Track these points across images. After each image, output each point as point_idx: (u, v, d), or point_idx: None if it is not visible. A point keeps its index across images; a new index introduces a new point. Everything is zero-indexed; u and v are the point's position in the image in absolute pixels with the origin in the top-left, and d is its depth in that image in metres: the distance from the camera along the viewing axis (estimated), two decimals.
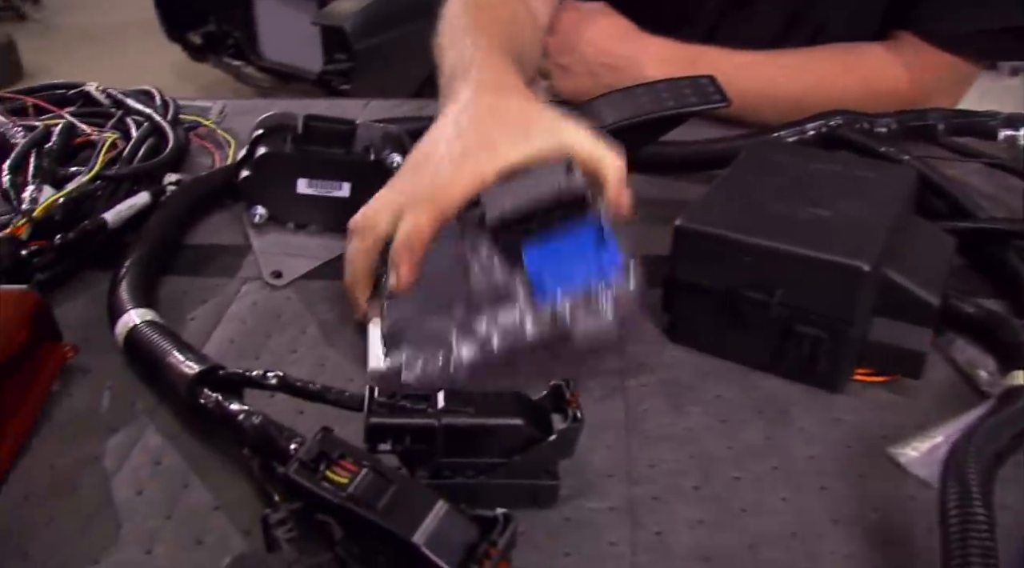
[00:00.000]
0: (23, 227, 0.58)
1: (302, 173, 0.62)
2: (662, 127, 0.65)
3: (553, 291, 0.47)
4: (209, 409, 0.44)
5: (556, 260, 0.48)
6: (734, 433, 0.48)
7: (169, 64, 3.30)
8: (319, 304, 0.59)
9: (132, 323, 0.52)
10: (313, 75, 2.89)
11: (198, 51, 3.15)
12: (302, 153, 0.62)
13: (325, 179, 0.62)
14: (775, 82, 0.79)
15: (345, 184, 0.62)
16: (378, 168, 0.61)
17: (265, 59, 3.06)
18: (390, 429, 0.40)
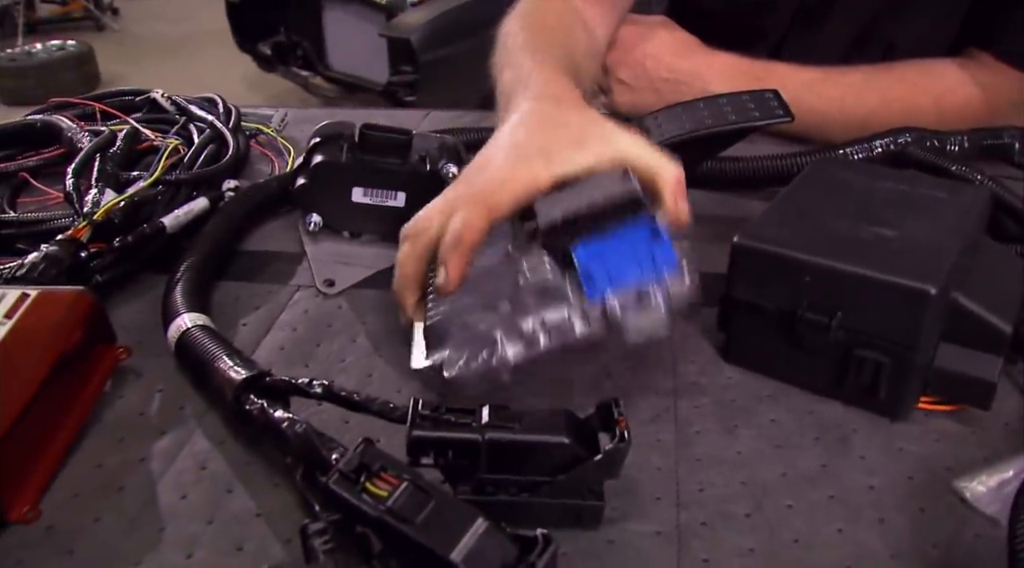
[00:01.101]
0: (84, 229, 0.59)
1: (358, 182, 0.62)
2: (724, 142, 0.64)
3: (604, 288, 0.45)
4: (254, 415, 0.44)
5: (607, 257, 0.46)
6: (789, 459, 0.46)
7: (240, 74, 3.39)
8: (370, 314, 0.59)
9: (184, 327, 0.52)
10: (379, 86, 2.93)
11: (267, 61, 3.23)
12: (358, 162, 0.62)
13: (380, 188, 0.62)
14: (843, 101, 0.77)
15: (400, 194, 0.62)
16: (433, 178, 0.61)
17: (332, 70, 3.12)
18: (433, 442, 0.39)
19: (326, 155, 0.62)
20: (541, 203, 0.50)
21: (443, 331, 0.48)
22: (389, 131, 0.62)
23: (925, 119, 0.70)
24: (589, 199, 0.48)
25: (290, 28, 3.15)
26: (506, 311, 0.47)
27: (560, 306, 0.46)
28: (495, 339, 0.46)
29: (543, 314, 0.46)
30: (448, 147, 0.63)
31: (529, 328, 0.46)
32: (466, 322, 0.47)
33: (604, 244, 0.46)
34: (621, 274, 0.45)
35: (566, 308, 0.46)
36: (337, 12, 3.03)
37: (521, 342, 0.46)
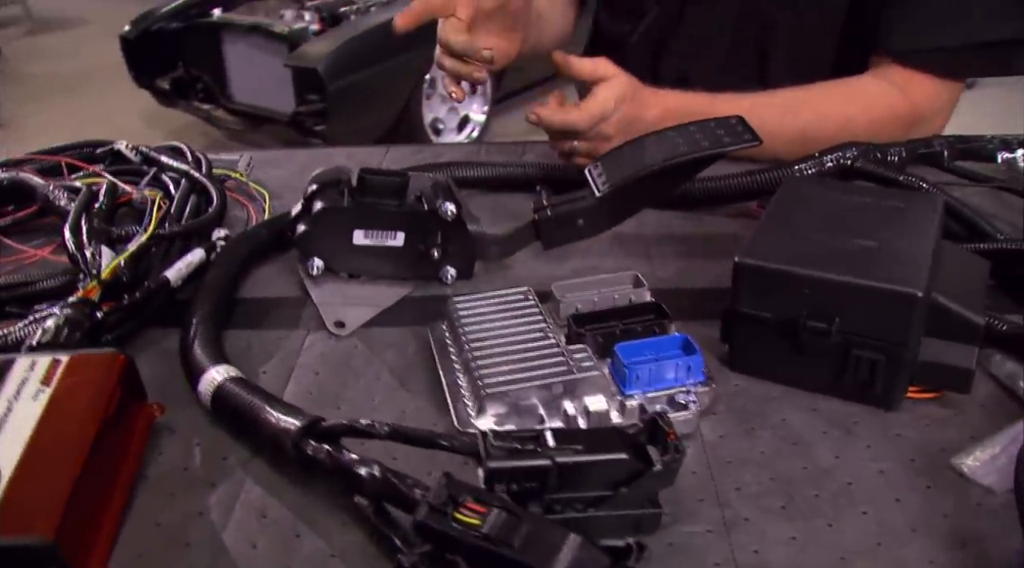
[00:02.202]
0: (94, 289, 0.59)
1: (358, 225, 0.64)
2: (697, 167, 0.68)
3: (643, 387, 0.52)
4: (319, 460, 0.46)
5: (647, 359, 0.53)
6: (806, 454, 0.51)
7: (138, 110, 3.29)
8: (386, 351, 0.61)
9: (217, 381, 0.53)
10: (285, 117, 2.91)
11: (167, 96, 3.15)
12: (359, 206, 0.64)
13: (380, 229, 0.65)
14: (782, 121, 0.83)
15: (399, 233, 0.65)
16: (432, 217, 0.64)
17: (235, 102, 3.07)
18: (508, 472, 0.42)
19: (327, 201, 0.64)
20: (558, 290, 0.59)
21: (494, 398, 0.51)
22: (386, 174, 0.65)
23: (857, 128, 0.78)
24: (608, 297, 0.59)
25: (189, 62, 3.09)
26: (558, 392, 0.51)
27: (600, 396, 0.52)
28: (540, 414, 0.51)
29: (585, 400, 0.51)
30: (442, 186, 0.66)
31: (572, 411, 0.51)
32: (516, 395, 0.51)
33: (644, 346, 0.53)
34: (660, 377, 0.52)
35: (606, 399, 0.51)
36: (238, 44, 2.99)
37: (562, 421, 0.51)
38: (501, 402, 0.51)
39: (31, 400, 0.49)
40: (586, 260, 0.71)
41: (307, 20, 2.99)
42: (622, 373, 0.52)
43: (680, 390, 0.52)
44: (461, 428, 0.51)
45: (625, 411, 0.52)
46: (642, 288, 0.60)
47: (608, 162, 0.67)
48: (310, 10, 3.07)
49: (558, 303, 0.59)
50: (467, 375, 0.53)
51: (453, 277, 0.67)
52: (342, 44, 2.75)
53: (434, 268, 0.66)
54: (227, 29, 2.99)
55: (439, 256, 0.65)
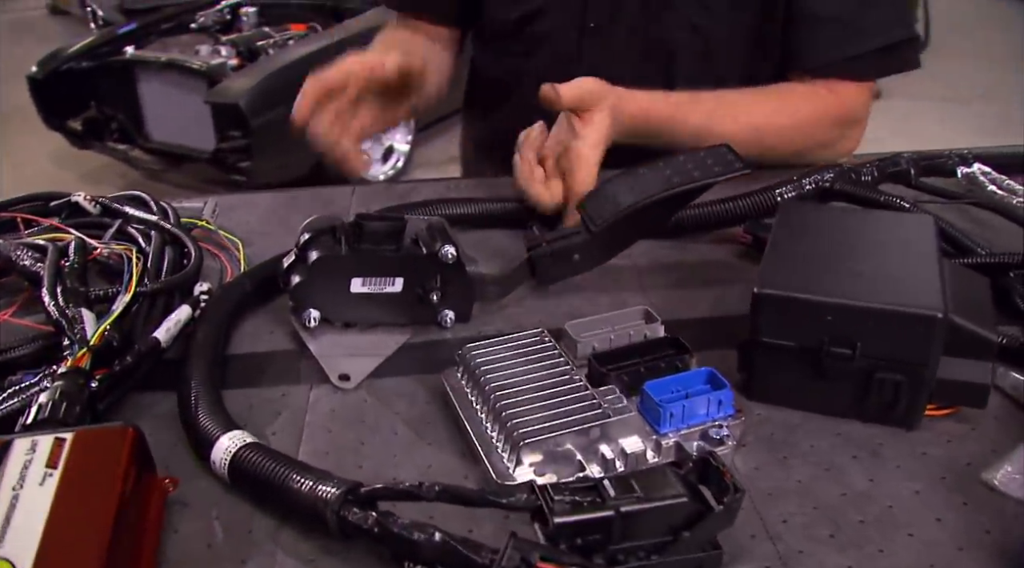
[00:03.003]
0: (84, 357, 0.55)
1: (356, 273, 0.62)
2: (689, 197, 0.69)
3: (677, 425, 0.52)
4: (366, 528, 0.44)
5: (676, 394, 0.52)
6: (841, 479, 0.51)
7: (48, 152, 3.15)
8: (396, 402, 0.59)
9: (233, 449, 0.51)
10: (206, 154, 2.83)
11: (80, 137, 3.03)
12: (357, 253, 0.62)
13: (379, 276, 0.63)
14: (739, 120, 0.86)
15: (398, 279, 0.63)
16: (432, 261, 0.62)
17: (153, 141, 2.98)
18: (574, 526, 0.41)
19: (323, 250, 0.62)
20: (573, 330, 0.59)
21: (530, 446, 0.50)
22: (381, 219, 0.63)
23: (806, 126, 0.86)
24: (623, 334, 0.59)
25: (102, 101, 2.98)
26: (595, 437, 0.50)
27: (636, 437, 0.51)
28: (579, 461, 0.50)
29: (621, 442, 0.51)
30: (437, 228, 0.65)
31: (609, 454, 0.50)
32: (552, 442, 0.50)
33: (671, 383, 0.53)
34: (693, 414, 0.52)
35: (641, 439, 0.51)
36: (153, 82, 2.90)
37: (601, 466, 0.50)
38: (538, 450, 0.50)
39: (38, 486, 0.45)
40: (582, 296, 0.71)
41: (224, 55, 2.93)
42: (655, 412, 0.51)
43: (713, 425, 0.52)
44: (499, 480, 0.50)
45: (661, 450, 0.51)
46: (655, 323, 0.60)
47: (599, 196, 0.67)
48: (226, 45, 3.01)
49: (574, 343, 0.58)
50: (496, 424, 0.52)
51: (452, 321, 0.65)
52: (263, 79, 2.70)
53: (432, 312, 0.65)
54: (141, 67, 2.90)
55: (438, 300, 0.64)
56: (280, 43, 3.05)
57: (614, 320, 0.60)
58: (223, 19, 3.28)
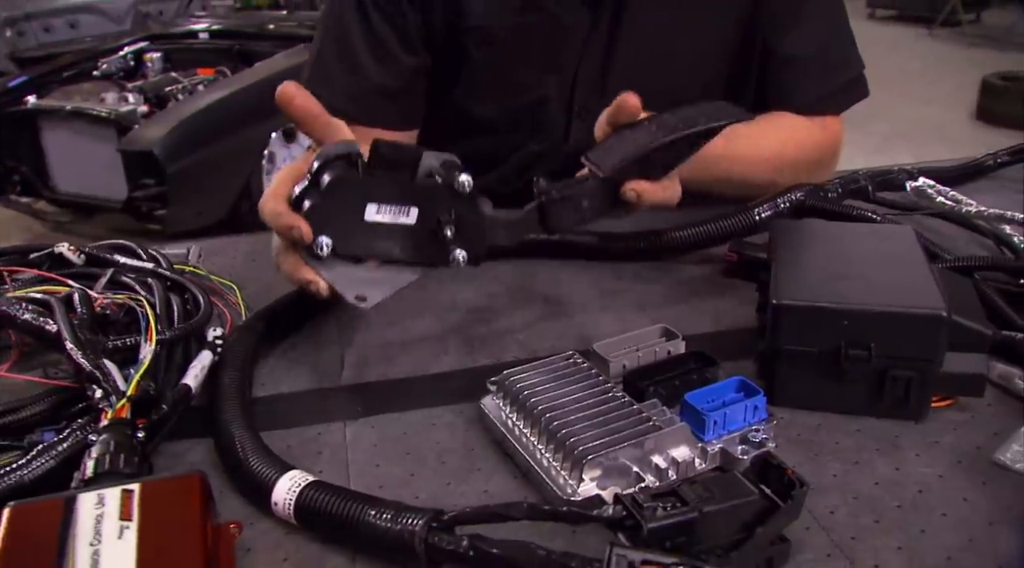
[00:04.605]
0: (124, 408, 0.54)
1: (372, 198, 0.60)
2: (693, 145, 0.69)
3: (719, 432, 0.55)
4: (459, 553, 0.45)
5: (716, 403, 0.56)
6: (870, 471, 0.55)
7: None
8: (435, 433, 0.60)
9: (297, 489, 0.51)
10: (118, 204, 2.74)
11: None
12: (373, 178, 0.60)
13: (394, 204, 0.61)
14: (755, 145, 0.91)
15: (413, 209, 0.61)
16: (448, 190, 0.61)
17: (60, 193, 2.86)
18: (666, 529, 0.43)
19: (338, 172, 0.59)
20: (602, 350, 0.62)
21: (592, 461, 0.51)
22: (398, 148, 0.61)
23: (809, 153, 0.91)
24: (649, 351, 0.62)
25: (2, 153, 2.85)
26: (649, 448, 0.53)
27: (684, 446, 0.54)
28: (635, 472, 0.53)
29: (671, 452, 0.53)
30: (452, 163, 0.62)
31: (663, 464, 0.53)
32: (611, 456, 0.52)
33: (708, 393, 0.56)
34: (733, 420, 0.55)
35: (689, 448, 0.54)
36: (59, 132, 2.80)
37: (653, 473, 0.53)
38: (597, 465, 0.52)
39: (116, 540, 0.44)
40: (587, 318, 0.74)
41: (132, 102, 2.85)
42: (699, 422, 0.54)
43: (751, 429, 0.55)
44: (564, 497, 0.52)
45: (707, 457, 0.54)
46: (676, 339, 0.63)
47: (605, 146, 0.69)
48: (133, 92, 2.93)
49: (605, 362, 0.61)
50: (551, 444, 0.54)
51: (464, 260, 0.63)
52: (177, 125, 2.65)
53: (444, 250, 0.63)
54: (45, 116, 2.80)
55: (451, 236, 0.62)
56: (189, 88, 2.99)
57: (637, 339, 0.63)
58: (127, 65, 3.20)
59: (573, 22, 0.92)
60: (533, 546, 0.44)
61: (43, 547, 0.44)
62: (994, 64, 5.27)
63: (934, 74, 5.50)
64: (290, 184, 0.61)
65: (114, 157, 2.70)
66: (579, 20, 0.92)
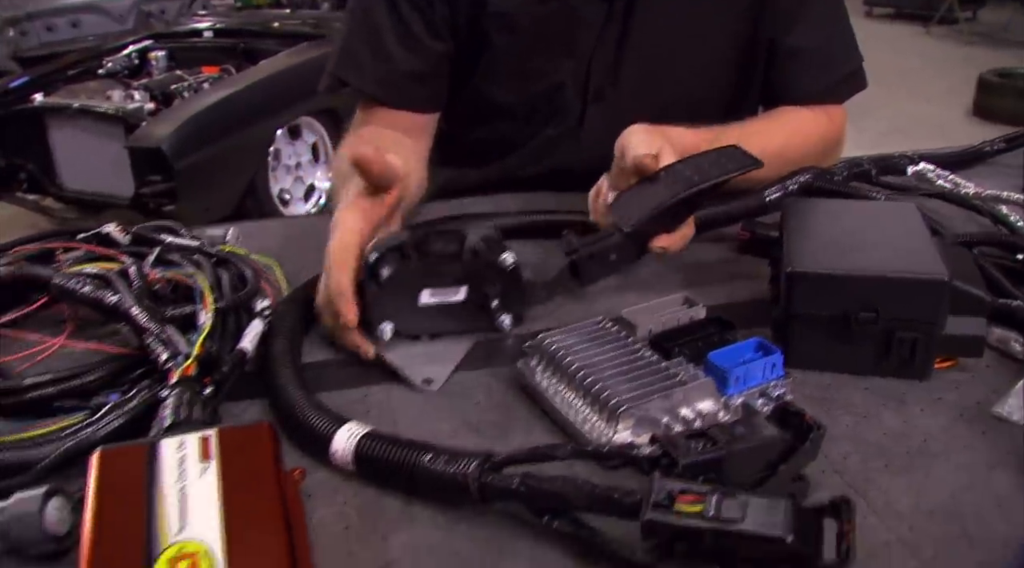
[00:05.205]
0: (191, 367, 0.59)
1: (424, 284, 0.68)
2: (709, 193, 0.76)
3: (740, 387, 0.60)
4: (512, 489, 0.49)
5: (737, 361, 0.60)
6: (879, 424, 0.60)
7: None
8: (473, 396, 0.65)
9: (356, 438, 0.55)
10: (125, 200, 2.78)
11: None
12: (425, 266, 0.67)
13: (445, 286, 0.68)
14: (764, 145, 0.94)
15: (462, 288, 0.68)
16: (492, 269, 0.68)
17: (66, 190, 2.89)
18: (700, 465, 0.48)
19: (394, 266, 0.66)
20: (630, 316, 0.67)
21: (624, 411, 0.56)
22: (443, 233, 0.68)
23: (815, 146, 0.94)
24: (674, 320, 0.68)
25: (9, 151, 2.88)
26: (678, 400, 0.57)
27: (709, 400, 0.58)
28: (663, 423, 0.57)
29: (697, 405, 0.58)
30: (492, 238, 0.69)
31: (691, 415, 0.57)
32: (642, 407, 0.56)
33: (730, 352, 0.61)
34: (752, 376, 0.60)
35: (713, 401, 0.58)
36: (65, 130, 2.84)
37: (680, 424, 0.57)
38: (631, 417, 0.56)
39: (199, 478, 0.49)
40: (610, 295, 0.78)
41: (138, 99, 2.89)
42: (722, 377, 0.59)
43: (769, 385, 0.60)
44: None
45: (730, 409, 0.59)
46: (697, 306, 0.68)
47: (628, 199, 0.74)
48: (139, 89, 2.97)
49: (633, 327, 0.66)
50: (587, 398, 0.58)
51: (510, 325, 0.71)
52: (184, 122, 2.68)
53: (491, 318, 0.70)
54: (52, 114, 2.83)
55: (497, 306, 0.70)
56: (195, 86, 3.03)
57: (661, 307, 0.68)
58: (131, 64, 3.23)
59: (590, 12, 0.96)
60: (579, 481, 0.48)
61: (133, 485, 0.49)
62: (991, 61, 5.36)
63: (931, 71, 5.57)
64: (355, 254, 0.67)
65: (121, 154, 2.73)
66: (595, 10, 0.96)
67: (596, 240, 0.74)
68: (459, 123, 1.08)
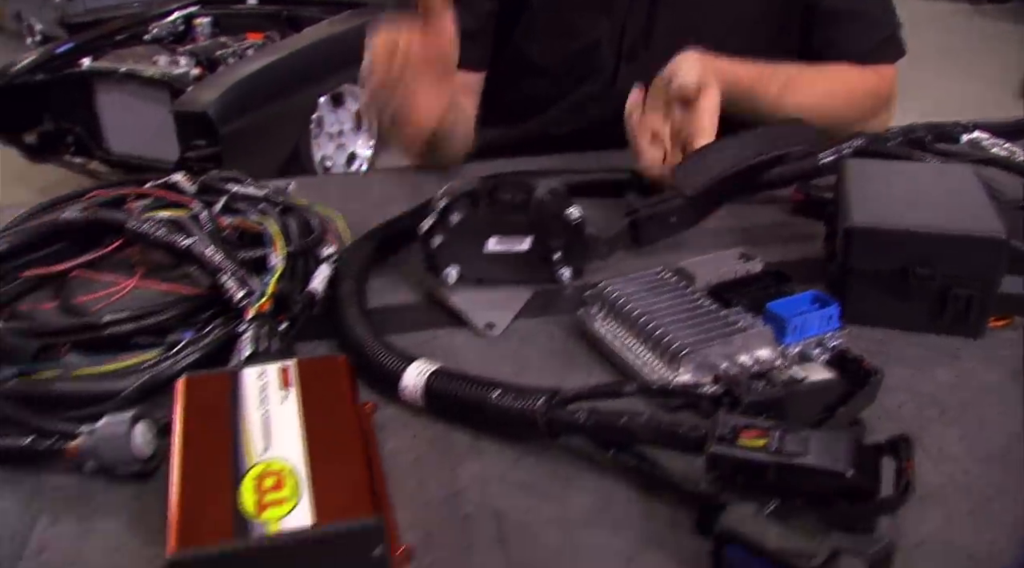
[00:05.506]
0: (267, 304, 0.61)
1: (492, 232, 0.70)
2: (769, 166, 0.78)
3: (797, 336, 0.61)
4: (579, 424, 0.51)
5: (796, 312, 0.61)
6: (932, 377, 0.61)
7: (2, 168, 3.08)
8: (536, 341, 0.67)
9: (426, 375, 0.57)
10: (169, 164, 2.82)
11: (35, 152, 2.98)
12: (492, 214, 0.69)
13: (510, 235, 0.70)
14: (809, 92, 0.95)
15: (527, 238, 0.70)
16: (558, 220, 0.70)
17: (113, 153, 2.94)
18: (762, 403, 0.50)
19: (464, 212, 0.69)
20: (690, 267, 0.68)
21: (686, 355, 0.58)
22: (514, 183, 0.70)
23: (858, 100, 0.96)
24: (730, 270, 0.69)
25: (58, 114, 2.93)
26: (738, 345, 0.59)
27: (767, 348, 0.60)
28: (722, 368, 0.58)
29: (755, 352, 0.59)
30: (559, 192, 0.71)
31: (749, 362, 0.59)
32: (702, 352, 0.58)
33: (788, 303, 0.62)
34: (809, 327, 0.61)
35: (770, 349, 0.60)
36: (112, 94, 2.88)
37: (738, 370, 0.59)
38: (691, 361, 0.58)
39: (281, 404, 0.51)
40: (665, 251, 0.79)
41: (184, 65, 2.92)
42: (780, 326, 0.60)
43: (825, 337, 0.61)
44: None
45: (787, 358, 0.60)
46: (754, 260, 0.69)
47: (691, 164, 0.76)
48: (184, 55, 3.00)
49: (692, 277, 0.67)
50: (649, 343, 0.60)
51: (569, 278, 0.72)
52: (230, 88, 2.71)
53: (551, 270, 0.72)
54: (100, 78, 2.87)
55: (559, 258, 0.71)
56: (239, 52, 3.06)
57: (718, 260, 0.69)
58: (176, 30, 3.26)
59: None
60: (645, 415, 0.50)
61: (218, 409, 0.51)
62: None
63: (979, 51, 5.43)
64: None
65: (166, 118, 2.77)
66: None
67: (657, 202, 0.76)
68: (496, 82, 1.10)
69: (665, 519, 0.49)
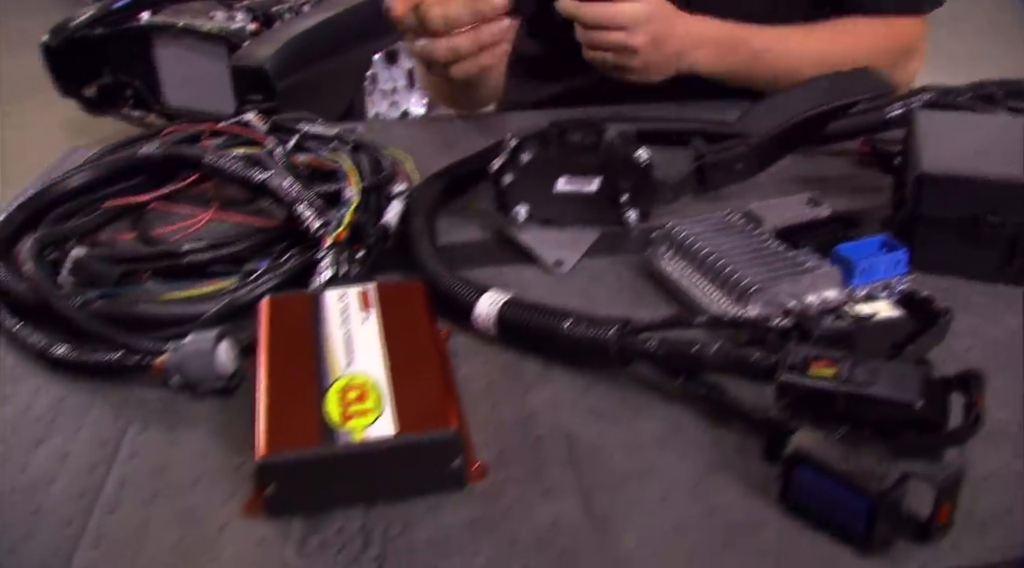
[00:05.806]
0: (343, 233, 0.63)
1: (561, 172, 0.71)
2: (836, 115, 0.78)
3: (865, 279, 0.62)
4: (650, 352, 0.53)
5: (865, 254, 0.62)
6: (1002, 325, 0.61)
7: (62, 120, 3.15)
8: (604, 278, 0.68)
9: (497, 304, 0.59)
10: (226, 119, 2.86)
11: (94, 104, 3.04)
12: (564, 155, 0.70)
13: (580, 176, 0.71)
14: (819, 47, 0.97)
15: (596, 179, 0.71)
16: (627, 162, 0.71)
17: (170, 107, 3.00)
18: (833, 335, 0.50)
19: (534, 151, 0.70)
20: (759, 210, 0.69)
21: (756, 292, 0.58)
22: (582, 124, 0.71)
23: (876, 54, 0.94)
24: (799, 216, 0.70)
25: (116, 68, 2.99)
26: (806, 285, 0.59)
27: (834, 289, 0.60)
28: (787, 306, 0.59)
29: (823, 293, 0.60)
30: (628, 135, 0.72)
31: (815, 301, 0.59)
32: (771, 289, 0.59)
33: (857, 247, 0.63)
34: (877, 270, 0.62)
35: (838, 291, 0.60)
36: (171, 48, 2.92)
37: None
38: (759, 300, 0.59)
39: (361, 324, 0.54)
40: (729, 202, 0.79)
41: (240, 20, 2.95)
42: (848, 268, 0.61)
43: (893, 281, 0.62)
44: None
45: (855, 299, 0.60)
46: (822, 205, 0.70)
47: (757, 111, 0.76)
48: (241, 10, 3.03)
49: (760, 220, 0.68)
50: (718, 281, 0.61)
51: (636, 220, 0.73)
52: (286, 43, 2.73)
53: (619, 212, 0.73)
54: (158, 32, 2.92)
55: (627, 200, 0.72)
56: (295, 8, 3.08)
57: (786, 204, 0.70)
58: None
59: None
60: (715, 344, 0.51)
61: (301, 327, 0.54)
62: None
63: None
64: None
65: (222, 73, 2.81)
66: None
67: (723, 148, 0.76)
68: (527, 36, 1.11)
69: (733, 445, 0.50)
